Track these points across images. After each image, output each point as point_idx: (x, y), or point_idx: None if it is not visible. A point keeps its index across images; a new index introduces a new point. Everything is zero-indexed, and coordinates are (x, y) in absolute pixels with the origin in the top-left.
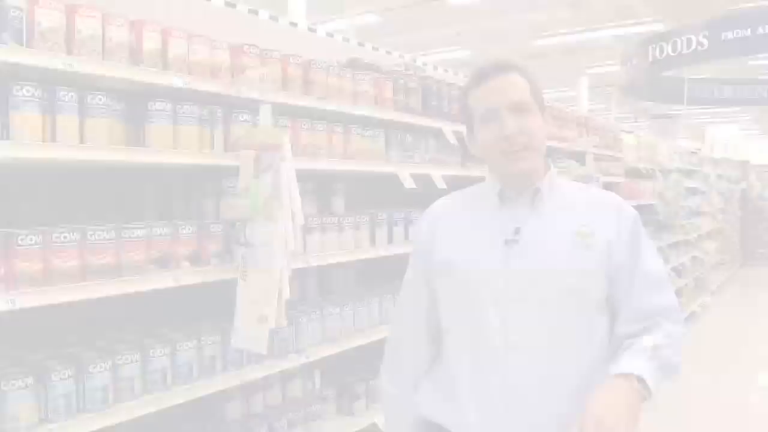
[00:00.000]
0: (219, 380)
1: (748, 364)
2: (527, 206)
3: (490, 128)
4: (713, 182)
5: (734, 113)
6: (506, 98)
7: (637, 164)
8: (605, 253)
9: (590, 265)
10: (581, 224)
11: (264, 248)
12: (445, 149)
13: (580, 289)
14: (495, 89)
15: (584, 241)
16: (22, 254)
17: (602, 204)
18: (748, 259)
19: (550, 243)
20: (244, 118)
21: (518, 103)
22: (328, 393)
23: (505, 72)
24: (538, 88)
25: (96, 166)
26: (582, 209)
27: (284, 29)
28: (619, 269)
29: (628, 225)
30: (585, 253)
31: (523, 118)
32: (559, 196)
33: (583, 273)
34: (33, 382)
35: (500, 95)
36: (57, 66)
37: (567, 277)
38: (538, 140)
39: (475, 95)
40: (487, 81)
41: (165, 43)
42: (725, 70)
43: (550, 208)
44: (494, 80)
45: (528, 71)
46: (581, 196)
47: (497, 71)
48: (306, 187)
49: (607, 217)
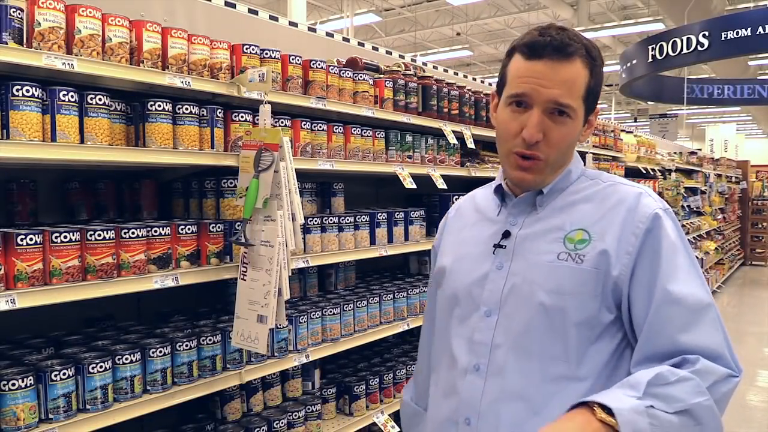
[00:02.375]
0: (219, 380)
1: (748, 364)
2: (529, 205)
3: (514, 115)
4: (713, 182)
5: (734, 113)
6: (547, 95)
7: (637, 164)
8: (601, 266)
9: (570, 281)
10: (576, 227)
11: (264, 248)
12: (445, 149)
13: (554, 307)
14: (541, 75)
15: (575, 249)
16: (22, 254)
17: (613, 199)
18: (748, 259)
19: (534, 251)
20: (244, 118)
21: (559, 105)
22: (328, 393)
23: (566, 58)
24: (599, 83)
25: (96, 166)
26: (586, 208)
27: (284, 29)
28: (631, 287)
29: (641, 228)
30: (568, 267)
31: (556, 126)
32: (571, 194)
33: (558, 291)
34: (33, 382)
35: (542, 86)
36: (57, 66)
37: (539, 293)
38: (560, 155)
39: (517, 66)
40: (539, 59)
41: (165, 43)
42: (725, 70)
43: (552, 207)
44: (546, 65)
45: (595, 57)
46: (593, 192)
47: (556, 53)
48: (306, 187)
49: (612, 218)
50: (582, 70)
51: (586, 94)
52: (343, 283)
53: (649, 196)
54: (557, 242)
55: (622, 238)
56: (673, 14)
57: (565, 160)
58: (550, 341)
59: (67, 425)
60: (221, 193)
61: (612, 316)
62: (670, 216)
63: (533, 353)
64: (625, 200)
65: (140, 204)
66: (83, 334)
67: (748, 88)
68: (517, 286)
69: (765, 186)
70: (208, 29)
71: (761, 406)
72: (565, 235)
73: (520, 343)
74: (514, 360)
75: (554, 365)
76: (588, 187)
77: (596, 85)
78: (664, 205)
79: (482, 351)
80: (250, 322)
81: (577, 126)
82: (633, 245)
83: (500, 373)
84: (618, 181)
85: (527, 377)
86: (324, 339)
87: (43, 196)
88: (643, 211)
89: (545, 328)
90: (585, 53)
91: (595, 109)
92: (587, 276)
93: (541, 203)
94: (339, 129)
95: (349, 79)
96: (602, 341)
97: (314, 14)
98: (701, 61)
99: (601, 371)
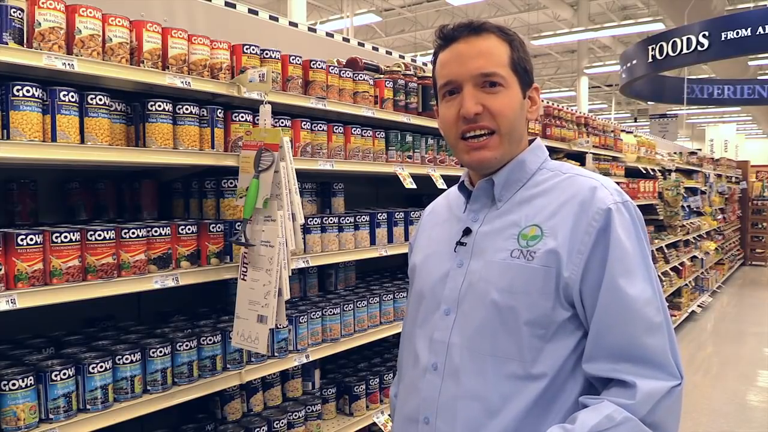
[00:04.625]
0: (219, 380)
1: (748, 364)
2: (488, 199)
3: (451, 104)
4: (713, 182)
5: (734, 113)
6: (472, 68)
7: (637, 164)
8: (551, 263)
9: (520, 280)
10: (530, 222)
11: (264, 248)
12: (445, 149)
13: (506, 306)
14: (460, 56)
15: (527, 246)
16: (22, 254)
17: (567, 193)
18: (748, 259)
19: (490, 249)
20: (244, 118)
21: (487, 75)
22: (328, 393)
23: (477, 34)
24: (523, 58)
25: (96, 166)
26: (542, 202)
27: (284, 29)
28: (582, 286)
29: (594, 226)
30: (519, 265)
31: (490, 96)
32: (530, 187)
33: (509, 290)
34: (33, 382)
35: (465, 64)
36: (57, 66)
37: (492, 291)
38: (508, 123)
39: (439, 60)
40: (455, 44)
41: (165, 43)
42: (725, 70)
43: (511, 202)
44: (462, 44)
45: (511, 35)
46: (551, 185)
47: (467, 32)
48: (306, 187)
49: (566, 214)
50: (499, 43)
51: (513, 65)
52: (343, 283)
53: (605, 188)
54: (512, 239)
55: (574, 236)
56: (673, 14)
57: (518, 135)
58: (504, 340)
59: (68, 425)
60: (221, 193)
61: (567, 314)
62: (626, 209)
63: (487, 352)
64: (579, 193)
65: (140, 204)
66: (83, 334)
67: (748, 88)
68: (473, 285)
69: (765, 186)
70: (208, 29)
71: (761, 406)
72: (520, 231)
73: (474, 342)
74: (469, 359)
75: (508, 364)
76: (547, 179)
77: (521, 60)
78: (622, 197)
79: (440, 350)
80: (251, 322)
81: (514, 95)
82: (585, 244)
83: (456, 373)
84: (576, 172)
85: (482, 376)
86: (324, 339)
87: (43, 196)
88: (596, 207)
89: (498, 327)
90: (497, 30)
91: (533, 85)
92: (537, 274)
93: (500, 197)
94: (339, 129)
95: (349, 80)
96: (558, 339)
97: (314, 14)
98: (701, 62)
99: (559, 369)
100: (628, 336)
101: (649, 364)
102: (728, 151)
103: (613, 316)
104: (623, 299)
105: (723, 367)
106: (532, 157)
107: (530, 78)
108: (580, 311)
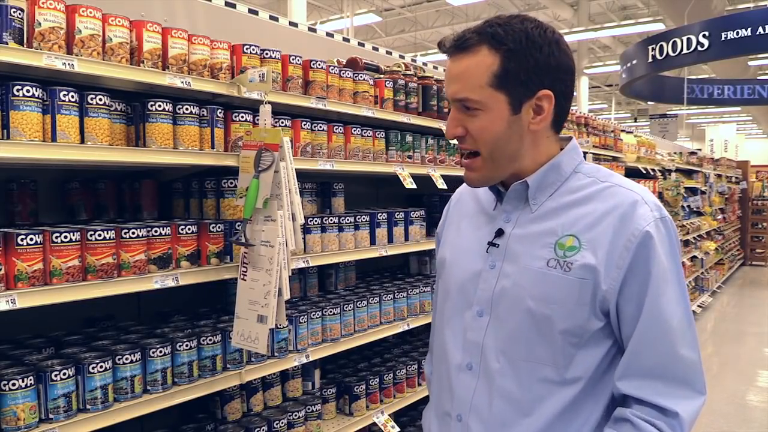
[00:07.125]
0: (219, 380)
1: (748, 364)
2: (521, 200)
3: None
4: (713, 182)
5: (734, 113)
6: (449, 92)
7: (637, 164)
8: (589, 276)
9: (557, 290)
10: (567, 232)
11: (264, 248)
12: (445, 149)
13: (541, 315)
14: (447, 76)
15: (564, 256)
16: (22, 254)
17: (608, 204)
18: (748, 259)
19: (525, 255)
20: (244, 118)
21: (460, 101)
22: (328, 393)
23: (464, 50)
24: (522, 67)
25: (96, 166)
26: (580, 211)
27: (284, 29)
28: (619, 300)
29: (633, 242)
30: (556, 275)
31: (470, 119)
32: (566, 193)
33: (545, 299)
34: (33, 382)
35: (447, 87)
36: (57, 66)
37: (527, 299)
38: (488, 146)
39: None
40: (447, 56)
41: (165, 43)
42: (725, 70)
43: (547, 207)
44: (450, 62)
45: (506, 42)
46: (589, 193)
47: (453, 49)
48: (306, 187)
49: (606, 226)
50: (486, 57)
51: (499, 81)
52: (344, 283)
53: (646, 204)
54: (548, 248)
55: (612, 250)
56: (673, 14)
57: (508, 154)
58: (538, 346)
59: (68, 425)
60: (221, 193)
61: (601, 324)
62: (664, 225)
63: (522, 357)
64: (620, 207)
65: (140, 204)
66: (83, 334)
67: (748, 88)
68: (507, 289)
69: (765, 186)
70: (208, 29)
71: (761, 406)
72: (557, 240)
73: (509, 346)
74: (504, 362)
75: (542, 369)
76: (585, 186)
77: (517, 70)
78: (661, 213)
79: (474, 351)
80: (251, 322)
81: (496, 116)
82: (623, 259)
83: (491, 374)
84: (616, 182)
85: (516, 379)
86: (324, 339)
87: (43, 196)
88: (637, 223)
89: (533, 334)
90: (490, 38)
91: (539, 93)
92: (574, 286)
93: (534, 199)
94: (339, 129)
95: (350, 79)
96: (590, 347)
97: (314, 14)
98: (701, 62)
99: (592, 374)
100: (664, 355)
101: (683, 384)
102: (728, 151)
103: (651, 336)
104: (661, 320)
105: (723, 367)
106: (568, 160)
107: (533, 87)
108: (613, 321)
